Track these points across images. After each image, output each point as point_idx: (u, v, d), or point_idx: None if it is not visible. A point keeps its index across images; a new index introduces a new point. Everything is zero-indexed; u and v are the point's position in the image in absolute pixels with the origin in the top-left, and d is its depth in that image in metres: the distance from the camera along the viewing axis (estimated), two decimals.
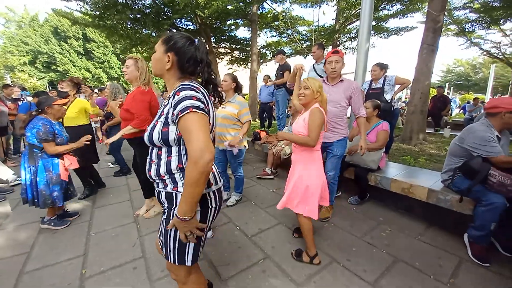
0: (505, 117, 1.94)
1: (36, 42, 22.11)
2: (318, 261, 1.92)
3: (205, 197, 1.06)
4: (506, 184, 1.85)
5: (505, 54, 13.07)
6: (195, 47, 1.04)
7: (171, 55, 1.02)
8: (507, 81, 21.21)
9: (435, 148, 4.63)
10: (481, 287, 1.69)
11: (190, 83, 0.99)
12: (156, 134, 1.00)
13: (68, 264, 1.96)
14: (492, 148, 1.93)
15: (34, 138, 2.25)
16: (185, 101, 0.91)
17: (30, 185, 2.29)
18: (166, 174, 1.04)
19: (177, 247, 1.05)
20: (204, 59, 1.06)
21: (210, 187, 1.08)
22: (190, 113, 0.90)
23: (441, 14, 4.57)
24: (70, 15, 9.88)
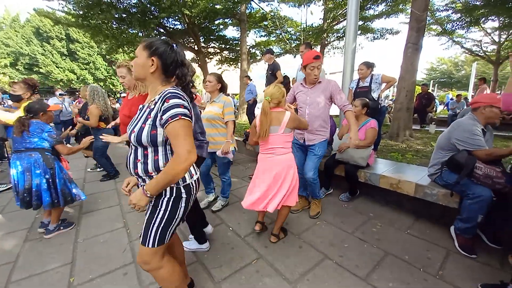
0: (485, 111, 2.03)
1: (17, 43, 21.21)
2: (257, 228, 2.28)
3: (189, 186, 1.22)
4: (491, 176, 1.92)
5: (486, 52, 13.61)
6: (175, 52, 1.16)
7: (155, 59, 1.11)
8: (488, 78, 22.07)
9: (421, 144, 4.77)
10: (469, 278, 1.74)
11: (176, 90, 1.11)
12: (144, 136, 1.10)
13: (56, 273, 1.89)
14: (477, 141, 2.01)
15: (44, 141, 2.26)
16: (174, 108, 1.04)
17: (47, 189, 2.27)
18: (154, 171, 1.16)
19: (162, 228, 1.18)
20: (185, 62, 1.20)
21: (192, 177, 1.25)
22: (179, 120, 1.04)
23: (424, 13, 4.70)
24: (52, 15, 9.56)
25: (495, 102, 1.98)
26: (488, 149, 2.00)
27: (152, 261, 1.22)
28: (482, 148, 1.99)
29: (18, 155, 2.22)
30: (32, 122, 2.23)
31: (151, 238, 1.18)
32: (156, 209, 1.19)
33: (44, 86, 23.46)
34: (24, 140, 2.20)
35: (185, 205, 1.24)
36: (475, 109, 2.10)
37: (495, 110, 2.00)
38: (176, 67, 1.17)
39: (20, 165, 2.20)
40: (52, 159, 2.32)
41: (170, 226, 1.22)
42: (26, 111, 2.27)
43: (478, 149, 2.00)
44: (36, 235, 2.43)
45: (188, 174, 1.23)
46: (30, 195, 2.25)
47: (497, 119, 2.05)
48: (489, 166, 1.95)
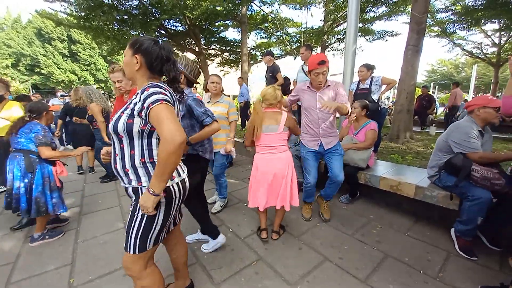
0: (480, 112, 2.04)
1: (19, 44, 21.31)
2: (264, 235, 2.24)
3: (168, 189, 1.13)
4: (489, 178, 1.92)
5: (487, 54, 13.63)
6: (159, 47, 1.12)
7: (139, 56, 1.10)
8: (488, 80, 22.09)
9: (422, 145, 4.76)
10: (469, 280, 1.73)
11: (157, 83, 1.08)
12: (121, 124, 1.06)
13: (55, 274, 1.89)
14: (471, 143, 2.02)
15: (31, 143, 2.19)
16: (155, 95, 1.01)
17: (24, 193, 2.17)
18: (131, 168, 1.11)
19: (141, 234, 1.12)
20: (170, 58, 1.15)
21: (173, 180, 1.16)
22: (160, 104, 1.00)
23: (424, 15, 4.71)
24: (54, 17, 9.61)
25: (488, 103, 1.99)
26: (481, 152, 2.01)
27: (133, 268, 1.17)
28: (476, 151, 2.01)
29: (11, 154, 2.21)
30: (32, 123, 2.22)
31: (131, 244, 1.12)
32: (134, 213, 1.13)
33: (45, 87, 23.58)
34: (13, 141, 2.20)
35: (166, 211, 1.15)
36: (470, 111, 2.12)
37: (489, 110, 2.00)
38: (161, 63, 1.13)
39: (10, 164, 2.20)
40: (35, 162, 2.19)
41: (150, 233, 1.14)
42: (29, 111, 2.26)
43: (472, 151, 2.02)
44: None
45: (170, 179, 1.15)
46: (11, 197, 2.20)
47: (494, 119, 2.05)
48: (486, 168, 1.95)
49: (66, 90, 18.57)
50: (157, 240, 1.20)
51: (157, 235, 1.18)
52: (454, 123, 2.24)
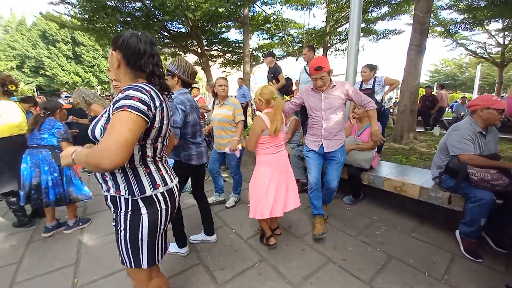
0: (483, 113, 2.02)
1: (23, 46, 21.56)
2: (273, 241, 2.14)
3: (151, 200, 1.03)
4: (487, 180, 1.90)
5: (491, 54, 13.50)
6: (138, 39, 0.99)
7: (116, 53, 1.00)
8: (493, 80, 21.89)
9: (426, 146, 4.73)
10: (474, 282, 1.72)
11: (140, 84, 0.96)
12: (98, 129, 0.96)
13: (60, 274, 1.90)
14: (463, 145, 2.03)
15: (54, 138, 2.32)
16: (124, 100, 0.87)
17: (52, 186, 2.31)
18: (109, 174, 1.00)
19: (130, 250, 1.03)
20: (147, 50, 1.00)
21: (157, 189, 1.04)
22: (122, 111, 0.85)
23: (427, 16, 4.69)
24: (58, 19, 9.71)
25: (491, 104, 1.97)
26: (470, 155, 2.01)
27: (136, 278, 1.13)
28: (465, 152, 2.01)
29: (30, 150, 2.30)
30: (50, 119, 2.34)
31: (126, 259, 1.05)
32: (116, 227, 1.04)
33: (50, 88, 23.81)
34: (35, 137, 2.29)
35: (150, 224, 1.02)
36: (473, 111, 2.10)
37: (492, 112, 1.98)
38: (139, 57, 0.99)
39: (30, 160, 2.27)
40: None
41: (139, 250, 1.03)
42: (44, 109, 2.37)
43: (462, 152, 2.02)
44: (40, 236, 2.45)
45: (149, 184, 1.02)
46: (39, 192, 2.29)
47: (496, 121, 2.03)
48: (482, 170, 1.93)
49: (70, 91, 18.75)
50: (153, 258, 1.09)
51: (150, 253, 1.07)
52: (454, 124, 2.23)
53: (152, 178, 1.03)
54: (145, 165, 1.03)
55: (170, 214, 1.11)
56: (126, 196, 0.99)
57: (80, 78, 23.67)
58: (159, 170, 1.08)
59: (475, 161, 1.99)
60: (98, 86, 24.43)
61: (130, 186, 0.99)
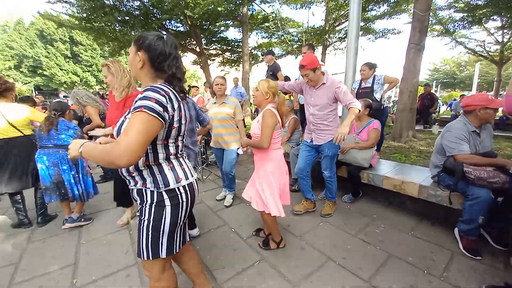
0: (481, 113, 2.01)
1: (21, 46, 21.42)
2: (283, 244, 2.13)
3: (174, 192, 1.09)
4: (484, 178, 1.90)
5: (490, 52, 13.51)
6: (163, 42, 1.05)
7: (141, 53, 1.04)
8: (492, 78, 21.91)
9: (425, 144, 4.74)
10: (473, 280, 1.72)
11: (159, 85, 1.00)
12: (122, 130, 1.00)
13: (59, 274, 1.90)
14: (458, 145, 2.04)
15: (70, 138, 2.42)
16: (142, 100, 0.92)
17: (75, 183, 2.47)
18: (135, 170, 1.07)
19: (150, 240, 1.08)
20: (172, 53, 1.06)
21: (180, 182, 1.10)
22: (139, 112, 0.90)
23: (426, 14, 4.68)
24: (56, 18, 9.67)
25: (489, 104, 1.97)
26: (466, 154, 2.02)
27: (152, 271, 1.17)
28: (460, 153, 2.03)
29: (45, 151, 2.37)
30: (59, 121, 2.41)
31: (144, 250, 1.10)
32: (141, 218, 1.10)
33: (48, 88, 23.71)
34: (52, 137, 2.37)
35: (172, 216, 1.09)
36: (469, 111, 2.08)
37: (489, 111, 1.98)
38: (164, 59, 1.05)
39: (47, 160, 2.36)
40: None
41: (159, 240, 1.09)
42: (54, 110, 2.44)
43: (457, 153, 2.04)
44: (39, 236, 2.44)
45: (173, 178, 1.08)
46: (64, 188, 2.43)
47: (492, 119, 2.05)
48: (478, 168, 1.94)
49: (69, 91, 18.67)
50: (171, 249, 1.14)
51: (169, 243, 1.13)
52: (447, 124, 2.23)
53: (175, 173, 1.11)
54: (168, 161, 1.11)
55: (190, 207, 1.18)
56: (152, 188, 1.06)
57: (79, 77, 23.57)
58: (181, 165, 1.15)
59: (471, 160, 2.00)
60: (96, 86, 24.32)
61: (155, 180, 1.06)
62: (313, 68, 2.27)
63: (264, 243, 2.16)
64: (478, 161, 1.98)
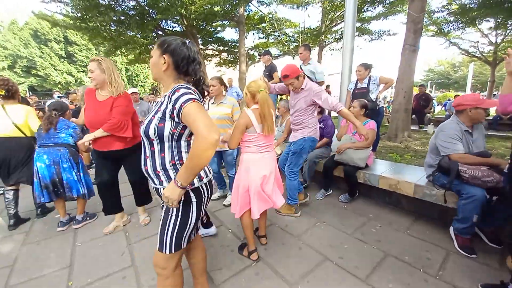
0: (471, 113, 2.04)
1: (15, 46, 21.15)
2: (255, 257, 1.99)
3: (198, 190, 1.18)
4: (478, 177, 1.93)
5: (483, 53, 13.71)
6: (187, 48, 1.14)
7: (166, 56, 1.11)
8: (485, 79, 22.23)
9: (420, 144, 4.78)
10: (469, 279, 1.74)
11: (186, 85, 1.10)
12: (152, 128, 1.09)
13: (54, 277, 1.87)
14: (451, 145, 2.07)
15: (70, 137, 2.47)
16: (186, 95, 1.03)
17: (76, 181, 2.48)
18: (161, 170, 1.14)
19: (176, 234, 1.16)
20: (196, 58, 1.17)
21: (202, 180, 1.19)
22: (193, 102, 1.01)
23: (421, 15, 4.73)
24: (51, 18, 9.56)
25: (480, 104, 2.00)
26: (461, 154, 2.05)
27: (167, 267, 1.20)
28: (455, 152, 2.05)
29: (45, 149, 2.38)
30: (59, 120, 2.45)
31: (167, 244, 1.16)
32: (168, 214, 1.16)
33: (42, 89, 23.40)
34: (52, 136, 2.40)
35: (197, 210, 1.20)
36: (460, 111, 2.12)
37: (480, 111, 2.01)
38: (188, 63, 1.14)
39: (48, 158, 2.36)
40: (76, 154, 2.53)
41: (185, 231, 1.19)
42: (54, 110, 2.48)
43: (453, 152, 2.07)
44: (34, 238, 2.41)
45: (197, 177, 1.16)
46: (62, 187, 2.43)
47: (482, 119, 2.08)
48: (473, 167, 1.97)
49: (63, 91, 18.46)
50: (190, 238, 1.25)
51: (190, 234, 1.23)
52: (440, 124, 2.26)
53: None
54: None
55: (209, 200, 1.29)
56: (174, 178, 1.08)
57: (73, 78, 23.32)
58: None
59: (466, 159, 2.02)
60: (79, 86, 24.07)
61: None
62: (297, 76, 2.40)
63: (240, 246, 2.13)
64: (472, 161, 2.01)
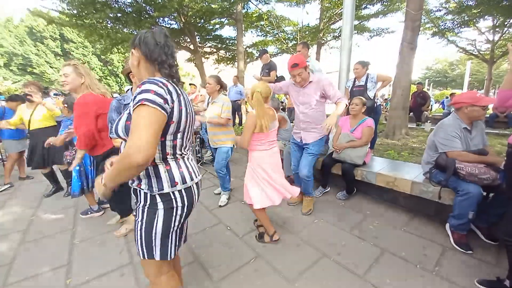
0: (468, 110, 2.06)
1: (10, 43, 20.89)
2: (277, 237, 2.16)
3: (169, 196, 1.04)
4: (475, 174, 1.94)
5: (480, 51, 13.75)
6: (151, 33, 1.02)
7: (135, 51, 1.04)
8: (482, 77, 22.34)
9: (417, 142, 4.81)
10: (465, 274, 1.76)
11: (156, 78, 0.97)
12: (120, 127, 0.99)
13: (52, 275, 1.87)
14: (449, 142, 2.09)
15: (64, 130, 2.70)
16: (141, 94, 0.89)
17: (80, 176, 2.58)
18: None
19: (144, 241, 1.06)
20: (161, 41, 1.02)
21: (175, 186, 1.04)
22: (140, 106, 0.87)
23: (419, 13, 4.73)
24: (46, 15, 9.43)
25: (476, 101, 2.01)
26: (459, 151, 2.06)
27: (147, 271, 1.15)
28: (454, 149, 2.07)
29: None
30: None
31: (139, 248, 1.08)
32: (136, 219, 1.09)
33: None
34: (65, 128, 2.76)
35: (165, 220, 1.04)
36: (457, 109, 2.14)
37: (476, 109, 2.02)
38: (155, 49, 1.01)
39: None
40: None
41: (152, 242, 1.06)
42: (65, 103, 2.79)
43: (451, 149, 2.09)
44: (32, 237, 2.40)
45: (168, 181, 1.02)
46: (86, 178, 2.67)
47: (481, 117, 2.08)
48: (470, 164, 1.98)
49: (59, 89, 18.31)
50: (165, 253, 1.09)
51: (162, 247, 1.08)
52: (440, 121, 2.27)
53: (171, 176, 1.04)
54: (165, 162, 1.04)
55: (186, 212, 1.11)
56: (145, 190, 1.03)
57: None
58: (179, 167, 1.07)
59: (463, 157, 2.04)
60: None
61: (150, 182, 1.02)
62: (305, 66, 2.33)
63: (259, 236, 2.24)
64: (469, 159, 2.02)
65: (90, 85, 2.15)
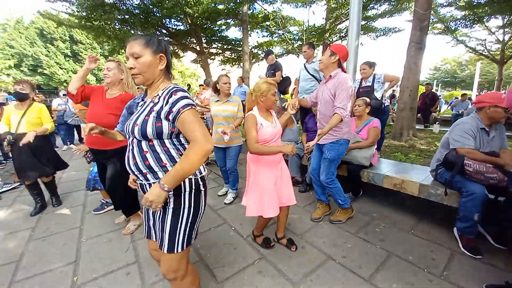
0: (489, 111, 2.02)
1: (21, 45, 21.41)
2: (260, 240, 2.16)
3: (204, 179, 1.20)
4: (482, 172, 1.91)
5: (491, 51, 13.46)
6: (164, 42, 1.15)
7: (163, 55, 1.11)
8: (492, 77, 21.85)
9: (425, 143, 4.73)
10: (473, 279, 1.72)
11: (180, 87, 1.11)
12: (150, 128, 1.06)
13: (59, 272, 1.90)
14: (463, 139, 2.06)
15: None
16: (184, 99, 1.04)
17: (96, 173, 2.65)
18: (168, 161, 1.12)
19: (188, 228, 1.14)
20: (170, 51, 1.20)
21: (204, 171, 1.22)
22: (191, 109, 1.04)
23: (427, 12, 4.66)
24: (56, 17, 9.65)
25: (499, 102, 1.96)
26: (469, 149, 2.03)
27: (181, 267, 1.15)
28: (464, 146, 2.04)
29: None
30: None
31: (179, 241, 1.11)
32: (178, 210, 1.12)
33: (48, 87, 23.68)
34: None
35: (205, 199, 1.23)
36: (479, 108, 2.10)
37: (499, 110, 1.98)
38: (170, 59, 1.17)
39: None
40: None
41: (196, 223, 1.18)
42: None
43: (461, 146, 2.05)
44: (40, 234, 2.45)
45: (203, 166, 1.22)
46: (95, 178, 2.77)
47: (501, 119, 2.04)
48: (478, 162, 1.95)
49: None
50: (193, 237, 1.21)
51: (198, 226, 1.23)
52: (459, 119, 2.23)
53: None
54: None
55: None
56: (190, 176, 1.12)
57: None
58: None
59: (473, 154, 2.00)
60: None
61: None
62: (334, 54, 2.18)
63: (264, 242, 2.16)
64: (478, 157, 1.99)
65: (127, 83, 2.31)
